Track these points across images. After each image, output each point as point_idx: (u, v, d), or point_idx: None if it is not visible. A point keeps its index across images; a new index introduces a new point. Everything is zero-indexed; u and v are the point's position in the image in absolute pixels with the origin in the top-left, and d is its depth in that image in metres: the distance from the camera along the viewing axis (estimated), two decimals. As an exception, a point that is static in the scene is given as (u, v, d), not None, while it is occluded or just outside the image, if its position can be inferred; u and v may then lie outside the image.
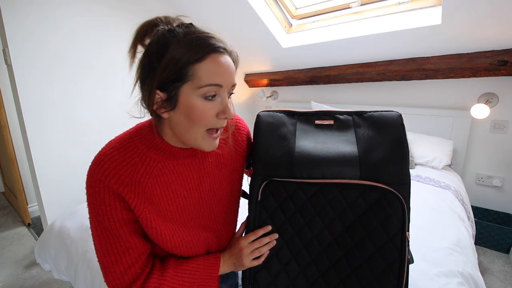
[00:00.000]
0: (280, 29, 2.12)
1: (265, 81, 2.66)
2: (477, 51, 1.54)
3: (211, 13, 2.06)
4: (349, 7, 1.86)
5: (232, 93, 0.53)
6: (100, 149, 0.51)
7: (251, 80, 2.76)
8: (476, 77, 1.64)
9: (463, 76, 1.67)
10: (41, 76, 1.50)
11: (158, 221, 0.53)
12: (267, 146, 0.60)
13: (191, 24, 0.48)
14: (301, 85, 2.49)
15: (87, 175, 0.50)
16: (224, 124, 0.52)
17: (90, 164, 0.50)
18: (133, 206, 0.50)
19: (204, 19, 2.13)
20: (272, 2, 1.99)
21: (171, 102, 0.47)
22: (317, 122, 0.63)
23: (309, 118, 0.64)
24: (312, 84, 2.41)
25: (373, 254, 0.52)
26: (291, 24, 2.19)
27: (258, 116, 0.65)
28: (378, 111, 0.59)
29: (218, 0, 1.90)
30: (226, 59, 0.48)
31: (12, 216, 2.26)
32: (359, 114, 0.61)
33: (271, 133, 0.61)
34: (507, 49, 1.45)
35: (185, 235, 0.56)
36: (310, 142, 0.59)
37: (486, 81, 1.68)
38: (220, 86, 0.47)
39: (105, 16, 1.74)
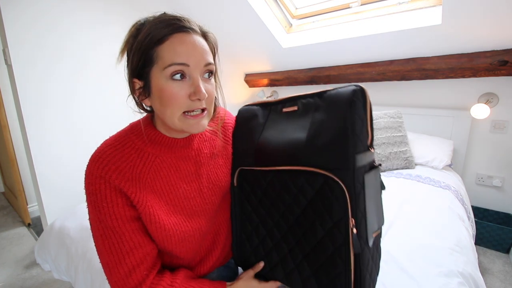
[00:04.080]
0: (280, 29, 2.11)
1: (265, 81, 2.66)
2: (477, 51, 1.54)
3: (211, 13, 2.06)
4: (349, 7, 1.86)
5: (209, 72, 0.51)
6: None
7: (251, 80, 2.76)
8: (476, 77, 1.64)
9: (463, 76, 1.67)
10: (41, 76, 1.50)
11: (161, 215, 0.52)
12: (238, 139, 0.68)
13: (164, 12, 0.49)
14: (301, 85, 2.49)
15: (86, 174, 0.49)
16: (201, 106, 0.49)
17: (87, 163, 0.50)
18: (135, 201, 0.49)
19: (204, 19, 2.12)
20: (272, 2, 1.99)
21: (146, 88, 0.49)
22: (284, 110, 0.62)
23: (278, 107, 0.64)
24: (312, 84, 2.41)
25: (323, 238, 0.53)
26: (291, 24, 2.19)
27: (238, 111, 0.71)
28: (337, 88, 0.54)
29: (219, 0, 1.90)
30: (193, 38, 0.47)
31: (12, 216, 2.26)
32: (320, 95, 0.56)
33: (243, 126, 0.68)
34: (507, 49, 1.45)
35: (188, 229, 0.56)
36: (273, 132, 0.61)
37: (486, 81, 1.68)
38: (186, 65, 0.46)
39: (105, 13, 1.74)
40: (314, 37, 1.98)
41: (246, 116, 0.68)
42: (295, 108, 0.60)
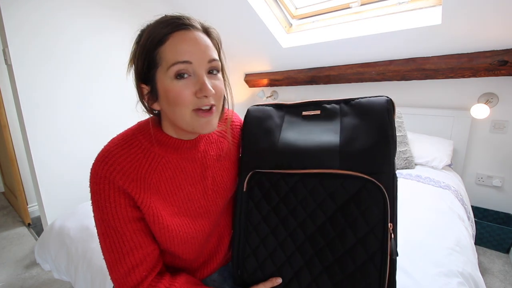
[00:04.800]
0: (280, 29, 2.11)
1: (265, 81, 2.66)
2: (477, 51, 1.54)
3: (211, 14, 2.06)
4: (349, 7, 1.86)
5: (215, 69, 0.50)
6: (102, 147, 0.51)
7: (251, 80, 2.76)
8: (476, 77, 1.64)
9: (463, 76, 1.67)
10: (41, 76, 1.50)
11: (165, 216, 0.52)
12: (252, 140, 0.62)
13: (164, 15, 0.48)
14: (301, 85, 2.49)
15: (91, 172, 0.49)
16: (209, 102, 0.48)
17: (93, 161, 0.49)
18: (139, 202, 0.49)
19: (204, 19, 2.13)
20: (272, 2, 1.99)
21: (153, 92, 0.49)
22: (304, 113, 0.61)
23: (296, 110, 0.63)
24: (312, 84, 2.41)
25: (354, 245, 0.51)
26: (291, 24, 2.19)
27: (247, 110, 0.66)
28: (367, 97, 0.56)
29: (219, 0, 1.90)
30: (194, 34, 0.47)
31: (12, 216, 2.26)
32: (347, 101, 0.58)
33: (257, 127, 0.63)
34: (507, 49, 1.45)
35: (191, 231, 0.56)
36: (294, 134, 0.59)
37: (486, 81, 1.68)
38: (189, 63, 0.46)
39: (105, 16, 1.74)
40: (314, 37, 1.98)
41: (259, 116, 0.64)
42: (318, 112, 0.59)
